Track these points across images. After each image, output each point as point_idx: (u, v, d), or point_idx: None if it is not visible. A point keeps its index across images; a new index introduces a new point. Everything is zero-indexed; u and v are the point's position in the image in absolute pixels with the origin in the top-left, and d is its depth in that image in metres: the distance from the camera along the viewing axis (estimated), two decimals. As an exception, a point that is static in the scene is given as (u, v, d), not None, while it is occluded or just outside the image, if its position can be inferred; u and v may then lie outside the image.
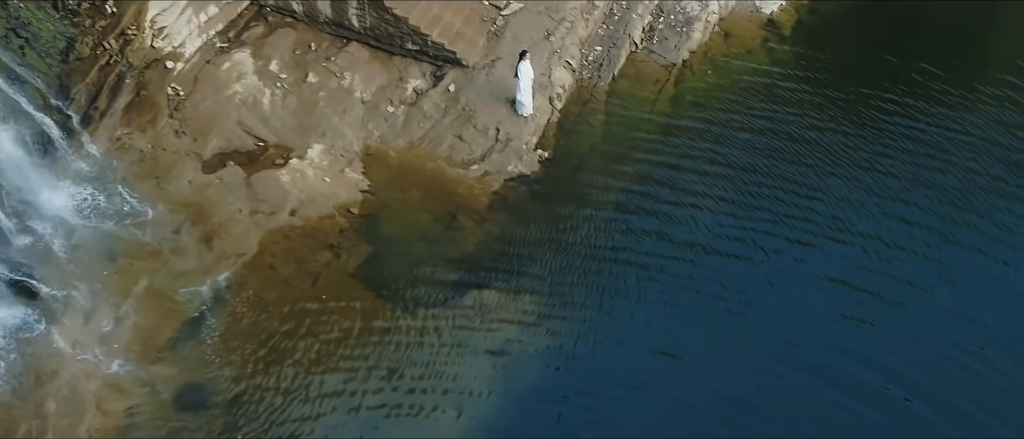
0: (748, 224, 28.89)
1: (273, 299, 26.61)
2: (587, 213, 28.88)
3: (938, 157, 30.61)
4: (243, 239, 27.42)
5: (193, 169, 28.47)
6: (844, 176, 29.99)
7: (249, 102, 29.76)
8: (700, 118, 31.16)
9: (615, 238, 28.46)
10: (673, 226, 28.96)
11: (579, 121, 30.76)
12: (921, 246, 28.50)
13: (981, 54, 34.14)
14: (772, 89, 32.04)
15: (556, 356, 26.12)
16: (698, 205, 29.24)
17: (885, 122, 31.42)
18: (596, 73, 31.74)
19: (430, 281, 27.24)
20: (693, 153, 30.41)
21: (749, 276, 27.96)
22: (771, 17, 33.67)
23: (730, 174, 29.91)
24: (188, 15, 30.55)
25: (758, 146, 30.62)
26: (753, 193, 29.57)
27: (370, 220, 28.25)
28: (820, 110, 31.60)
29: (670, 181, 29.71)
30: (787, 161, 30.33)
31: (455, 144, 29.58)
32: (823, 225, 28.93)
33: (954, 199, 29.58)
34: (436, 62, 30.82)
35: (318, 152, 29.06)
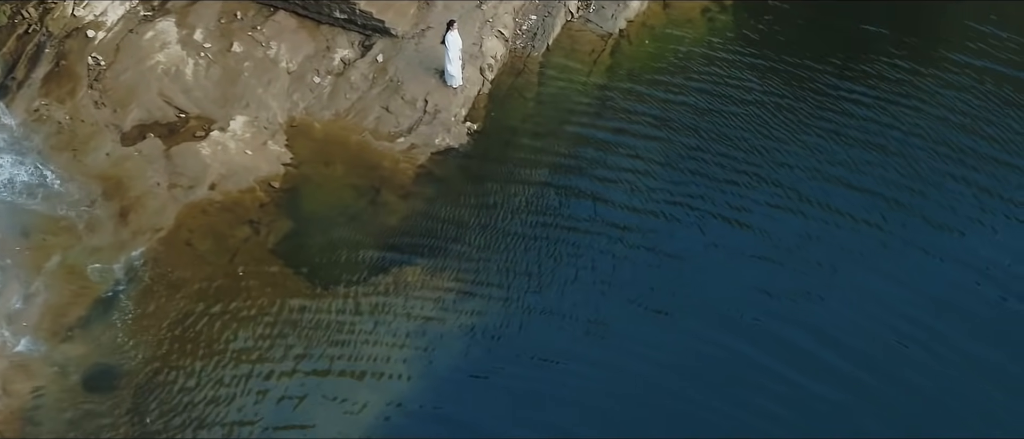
0: (685, 193, 28.44)
1: (188, 276, 26.05)
2: (517, 186, 28.31)
3: (885, 124, 30.08)
4: (160, 214, 26.86)
5: (111, 141, 27.87)
6: (786, 143, 29.56)
7: (171, 72, 29.12)
8: (636, 88, 30.56)
9: (545, 212, 27.93)
10: (606, 197, 28.45)
11: (511, 92, 30.15)
12: (865, 214, 28.02)
13: (933, 18, 33.36)
14: (711, 58, 31.47)
15: (480, 333, 25.65)
16: (633, 175, 28.75)
17: (830, 89, 30.96)
18: (530, 43, 31.09)
19: (351, 257, 26.71)
20: (628, 123, 29.87)
21: (685, 246, 27.52)
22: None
23: (666, 144, 29.43)
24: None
25: (696, 115, 30.10)
26: (690, 162, 29.08)
27: (292, 194, 27.67)
28: (761, 78, 31.11)
29: (604, 152, 29.17)
30: (726, 129, 29.83)
31: (382, 116, 28.98)
32: (764, 192, 28.50)
33: (901, 167, 29.06)
34: (364, 31, 30.17)
35: (240, 124, 28.46)
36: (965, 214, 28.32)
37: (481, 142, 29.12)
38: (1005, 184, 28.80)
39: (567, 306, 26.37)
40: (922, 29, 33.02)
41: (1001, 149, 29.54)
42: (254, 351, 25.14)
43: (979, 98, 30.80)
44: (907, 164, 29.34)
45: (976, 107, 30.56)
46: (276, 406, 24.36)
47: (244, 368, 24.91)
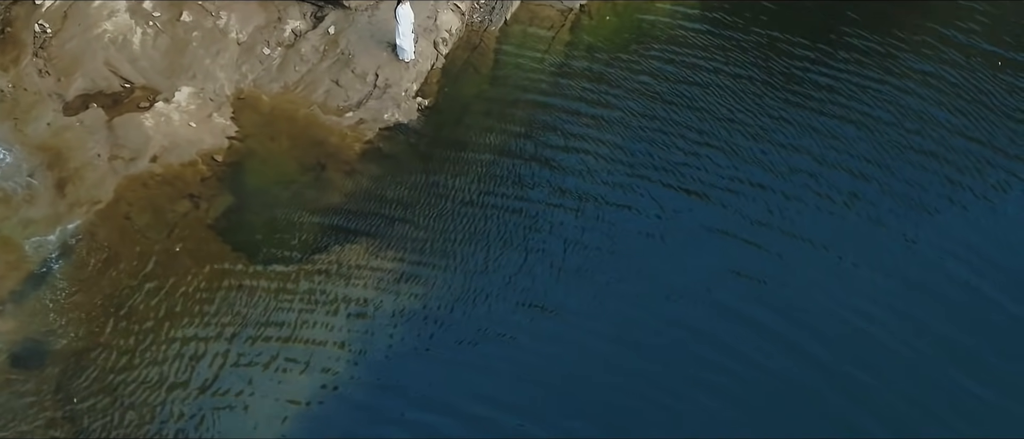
0: (640, 173, 27.90)
1: (124, 251, 25.69)
2: (467, 164, 27.87)
3: (849, 108, 29.43)
4: (98, 186, 26.49)
5: (53, 111, 27.46)
6: (747, 125, 28.90)
7: (119, 41, 28.65)
8: (595, 64, 30.00)
9: (495, 190, 27.51)
10: (559, 176, 27.98)
11: (466, 67, 29.61)
12: (824, 202, 27.49)
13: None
14: (675, 36, 30.94)
15: (421, 314, 25.28)
16: (587, 154, 28.23)
17: (796, 70, 30.29)
18: (487, 17, 30.54)
19: (292, 234, 26.34)
20: (585, 100, 29.36)
21: (637, 227, 27.03)
22: (677, -37, 32.25)
23: (624, 121, 28.88)
24: (59, -53, 29.23)
25: (656, 93, 29.50)
26: (648, 141, 28.53)
27: (235, 168, 27.25)
28: (726, 56, 30.49)
29: (559, 129, 28.69)
30: (686, 109, 29.25)
31: (331, 89, 28.49)
32: (721, 175, 27.92)
33: (863, 153, 28.49)
34: (317, 2, 29.64)
35: (186, 95, 28.00)
36: (939, 194, 27.78)
37: (432, 118, 28.60)
38: (981, 165, 28.24)
39: (515, 285, 25.96)
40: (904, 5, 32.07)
41: (977, 129, 28.87)
42: (189, 329, 24.84)
43: (961, 76, 30.11)
44: (872, 153, 28.68)
45: (955, 85, 29.92)
46: (209, 385, 24.10)
47: (177, 347, 24.59)
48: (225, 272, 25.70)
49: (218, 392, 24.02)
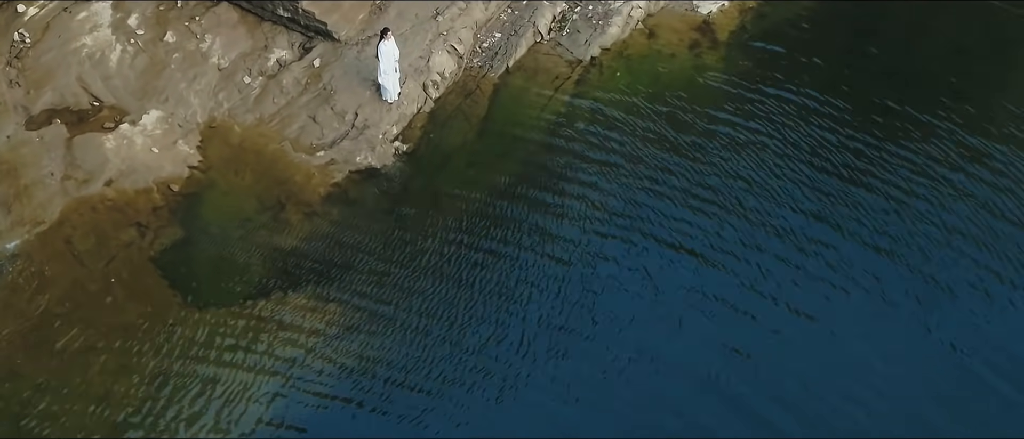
0: (634, 229, 26.34)
1: (57, 276, 24.82)
2: (437, 218, 26.39)
3: (878, 177, 27.38)
4: (45, 206, 25.67)
5: (15, 124, 26.86)
6: (763, 186, 27.19)
7: (95, 57, 27.94)
8: (596, 123, 28.31)
9: (463, 249, 26.03)
10: (541, 238, 26.37)
11: (456, 114, 28.10)
12: (836, 276, 25.42)
13: (938, 70, 30.22)
14: (690, 99, 29.01)
15: (355, 372, 23.85)
16: (575, 217, 26.63)
17: (824, 132, 28.33)
18: (489, 62, 29.01)
19: (235, 275, 25.13)
20: (581, 158, 27.72)
21: (626, 290, 25.39)
22: (707, 18, 30.42)
23: (619, 188, 27.21)
24: (51, -43, 28.68)
25: (656, 158, 27.73)
26: (644, 198, 26.96)
27: (190, 200, 26.19)
28: (746, 112, 28.70)
29: (547, 187, 27.13)
30: (694, 165, 27.55)
31: (307, 126, 27.27)
32: (725, 238, 26.24)
33: (887, 227, 26.36)
34: (307, 33, 28.52)
35: (154, 119, 27.09)
36: (965, 278, 25.42)
37: (408, 165, 27.17)
38: (1019, 251, 25.70)
39: (471, 351, 24.42)
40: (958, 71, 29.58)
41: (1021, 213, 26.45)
42: (109, 365, 23.83)
43: (1013, 154, 27.61)
44: (907, 216, 26.72)
45: (1005, 164, 27.55)
46: (115, 427, 22.66)
47: (95, 384, 23.61)
48: (157, 310, 24.61)
49: (128, 433, 22.68)
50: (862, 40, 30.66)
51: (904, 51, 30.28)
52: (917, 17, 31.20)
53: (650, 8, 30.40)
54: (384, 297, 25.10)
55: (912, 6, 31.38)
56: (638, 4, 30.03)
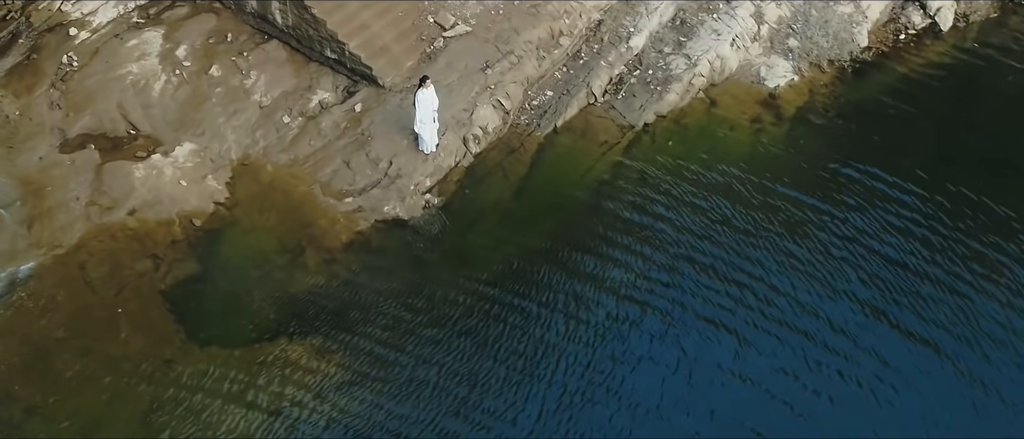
0: (662, 311, 25.26)
1: (65, 301, 24.75)
2: (460, 276, 25.69)
3: (943, 268, 26.04)
4: (65, 230, 25.73)
5: (49, 145, 27.00)
6: (812, 266, 26.04)
7: (139, 85, 28.03)
8: (643, 189, 27.48)
9: (485, 310, 25.32)
10: (565, 307, 25.46)
11: (495, 170, 27.44)
12: (881, 370, 24.21)
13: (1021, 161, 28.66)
14: (747, 172, 28.00)
15: (352, 428, 23.21)
16: (607, 288, 25.70)
17: (889, 215, 27.14)
18: (536, 120, 28.29)
19: (244, 316, 24.82)
20: (621, 227, 26.81)
21: (657, 363, 24.45)
22: (774, 92, 29.32)
23: (661, 257, 26.24)
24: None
25: (706, 232, 26.72)
26: (684, 280, 25.82)
27: (211, 236, 25.95)
28: (799, 200, 27.43)
29: (581, 255, 26.27)
30: (736, 252, 26.35)
31: (339, 170, 26.89)
32: (766, 316, 25.22)
33: (944, 321, 25.03)
34: (352, 76, 28.21)
35: (186, 151, 26.97)
36: (1018, 389, 23.93)
37: (437, 219, 26.56)
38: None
39: (488, 421, 23.46)
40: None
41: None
42: (103, 395, 23.54)
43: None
44: (970, 313, 25.32)
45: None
46: (99, 461, 22.36)
47: (87, 412, 23.39)
48: (157, 344, 24.32)
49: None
50: (939, 125, 29.34)
51: (985, 139, 28.95)
52: (999, 104, 29.65)
53: (713, 77, 29.38)
54: (396, 351, 24.54)
55: (993, 94, 29.82)
56: (700, 73, 29.04)
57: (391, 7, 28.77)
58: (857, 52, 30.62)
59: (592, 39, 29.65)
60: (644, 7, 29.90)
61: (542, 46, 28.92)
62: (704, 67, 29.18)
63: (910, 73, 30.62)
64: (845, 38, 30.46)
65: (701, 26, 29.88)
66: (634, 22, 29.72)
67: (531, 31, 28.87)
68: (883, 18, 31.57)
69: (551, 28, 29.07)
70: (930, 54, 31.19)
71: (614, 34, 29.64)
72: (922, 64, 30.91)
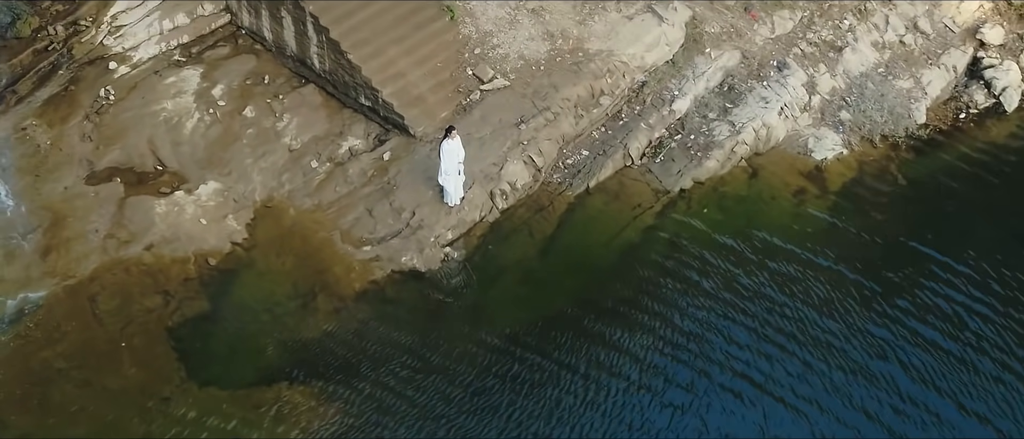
0: (686, 382, 24.72)
1: (71, 332, 24.90)
2: (474, 333, 25.41)
3: (985, 344, 25.24)
4: (80, 261, 25.84)
5: (76, 176, 27.28)
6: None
7: (172, 122, 28.16)
8: (673, 255, 26.87)
9: (496, 370, 24.95)
10: (583, 374, 24.96)
11: (521, 228, 27.00)
12: None
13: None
14: (785, 243, 27.26)
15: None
16: (629, 355, 25.15)
17: (937, 298, 26.25)
18: (569, 180, 27.83)
19: (246, 359, 24.78)
20: (647, 293, 26.23)
21: None
22: (821, 165, 28.51)
23: (689, 325, 25.66)
24: (153, 19, 29.45)
25: (738, 301, 26.04)
26: (712, 350, 25.22)
27: (225, 276, 25.89)
28: (842, 274, 26.65)
29: (603, 319, 25.69)
30: (769, 323, 25.69)
31: (362, 218, 26.68)
32: (797, 387, 24.67)
33: (987, 398, 24.33)
34: (385, 124, 28.04)
35: (210, 190, 27.03)
36: None
37: (456, 274, 26.25)
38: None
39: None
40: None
41: None
42: (95, 428, 23.52)
43: None
44: (1001, 394, 24.59)
45: None
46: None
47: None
48: (156, 381, 24.22)
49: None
50: (995, 208, 28.47)
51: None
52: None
53: (758, 146, 28.63)
54: (402, 403, 24.30)
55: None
56: (744, 141, 28.32)
57: (430, 57, 28.56)
58: (913, 129, 29.59)
59: (634, 100, 29.09)
60: (691, 71, 29.28)
61: (581, 104, 28.43)
62: (748, 135, 28.44)
63: (969, 153, 29.56)
64: (901, 113, 29.47)
65: (749, 93, 29.17)
66: (679, 86, 29.12)
67: (571, 88, 28.40)
68: (944, 96, 30.56)
69: (592, 87, 28.56)
70: (992, 135, 30.10)
71: (657, 96, 29.06)
72: (983, 145, 29.82)
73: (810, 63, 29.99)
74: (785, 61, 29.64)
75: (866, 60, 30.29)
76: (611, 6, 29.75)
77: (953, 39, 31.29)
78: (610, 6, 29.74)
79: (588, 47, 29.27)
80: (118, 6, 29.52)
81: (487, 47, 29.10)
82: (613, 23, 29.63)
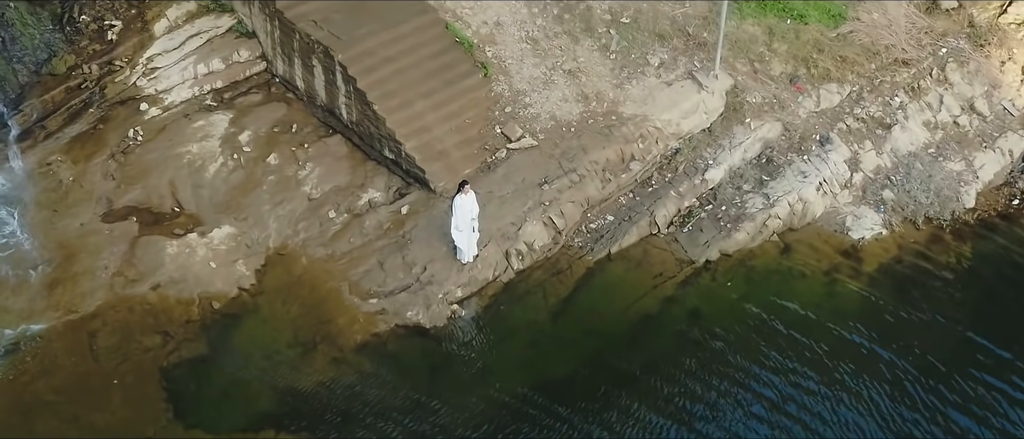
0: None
1: (65, 366, 24.87)
2: (472, 395, 24.72)
3: None
4: (85, 296, 25.84)
5: (93, 213, 27.40)
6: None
7: (195, 165, 28.20)
8: (692, 328, 26.02)
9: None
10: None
11: (535, 290, 26.36)
12: None
13: None
14: (813, 321, 26.18)
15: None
16: (630, 431, 24.17)
17: (979, 388, 24.95)
18: (591, 244, 27.10)
19: (237, 405, 24.48)
20: (659, 367, 25.29)
21: None
22: (858, 244, 27.49)
23: (700, 407, 24.67)
24: (188, 63, 29.63)
25: (759, 380, 25.03)
26: (726, 432, 24.10)
27: (227, 321, 25.67)
28: (858, 373, 25.31)
29: (609, 393, 24.78)
30: (794, 401, 24.71)
31: (372, 271, 26.30)
32: None
33: None
34: (407, 177, 27.68)
35: (224, 234, 26.92)
36: None
37: (461, 332, 25.67)
38: None
39: None
40: None
41: None
42: (73, 467, 22.89)
43: None
44: None
45: None
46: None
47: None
48: (143, 420, 23.92)
49: None
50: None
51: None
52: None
53: (792, 221, 27.67)
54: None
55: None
56: (777, 215, 27.40)
57: (459, 113, 28.23)
58: (960, 213, 28.40)
59: (666, 167, 28.37)
60: (728, 141, 28.52)
61: (609, 168, 27.80)
62: (782, 209, 27.51)
63: (1019, 243, 28.05)
64: (949, 196, 28.31)
65: (788, 166, 28.31)
66: (714, 155, 28.35)
67: (600, 151, 27.81)
68: (997, 181, 29.32)
69: (622, 151, 27.94)
70: (1046, 224, 28.71)
71: (690, 164, 28.33)
72: (1035, 235, 28.46)
73: (855, 139, 29.00)
74: (829, 135, 28.67)
75: (916, 139, 29.20)
76: (651, 71, 29.15)
77: (1012, 123, 30.07)
78: (650, 71, 29.14)
79: (622, 110, 28.64)
80: (155, 48, 29.72)
81: (519, 106, 28.66)
82: (651, 88, 28.98)
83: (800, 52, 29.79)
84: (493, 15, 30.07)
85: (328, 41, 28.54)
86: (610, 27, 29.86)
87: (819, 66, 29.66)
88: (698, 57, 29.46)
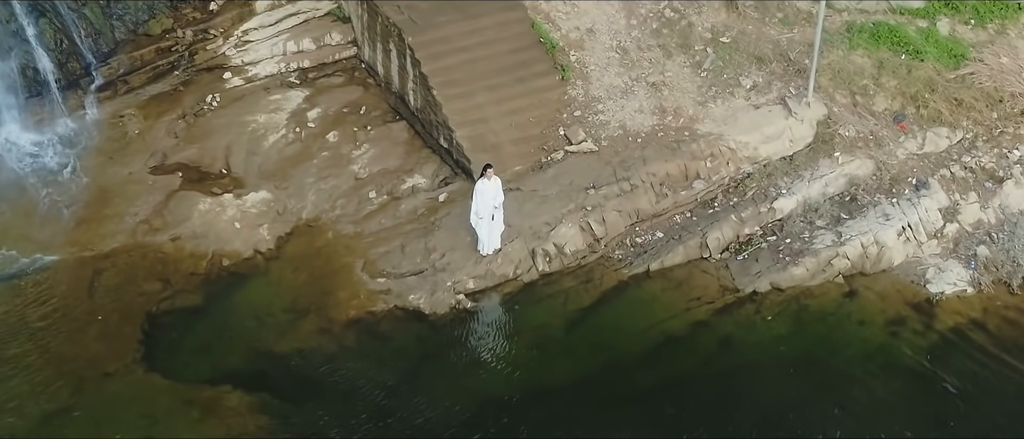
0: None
1: (59, 297, 24.34)
2: (454, 392, 22.44)
3: None
4: (105, 238, 25.34)
5: (144, 165, 27.01)
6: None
7: (257, 134, 27.57)
8: (710, 366, 22.82)
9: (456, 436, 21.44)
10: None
11: (559, 296, 24.05)
12: None
13: None
14: (855, 379, 22.58)
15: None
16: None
17: None
18: (632, 258, 24.53)
19: (212, 357, 23.20)
20: (657, 396, 22.30)
21: None
22: (934, 299, 23.71)
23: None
24: (280, 40, 29.07)
25: (779, 425, 21.60)
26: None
27: (232, 279, 24.62)
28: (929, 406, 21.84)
29: (606, 415, 21.92)
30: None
31: (392, 252, 24.70)
32: None
33: None
34: (456, 167, 25.98)
35: (259, 198, 26.01)
36: None
37: (463, 325, 23.63)
38: None
39: None
40: None
41: None
42: (23, 388, 22.26)
43: None
44: None
45: None
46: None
47: (26, 413, 21.88)
48: (108, 357, 22.87)
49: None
50: None
51: None
52: None
53: (864, 265, 24.20)
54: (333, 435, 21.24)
55: None
56: (845, 254, 24.01)
57: (523, 110, 26.37)
58: (1067, 285, 24.15)
59: (733, 191, 25.50)
60: (810, 172, 25.42)
61: (668, 183, 25.18)
62: (853, 249, 24.12)
63: None
64: (1057, 264, 24.16)
65: (873, 207, 24.89)
66: (789, 184, 25.28)
67: (661, 164, 25.28)
68: (1118, 257, 24.83)
69: (686, 167, 25.31)
70: None
71: (760, 191, 25.34)
72: None
73: (959, 189, 25.28)
74: (927, 181, 25.12)
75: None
76: (741, 93, 26.45)
77: None
78: (739, 92, 26.45)
79: (697, 127, 26.03)
80: (252, 23, 29.18)
81: (589, 111, 26.53)
82: (735, 109, 26.27)
83: (910, 89, 26.36)
84: (588, 21, 28.06)
85: (404, 25, 27.25)
86: (708, 45, 27.33)
87: (930, 106, 26.13)
88: (795, 83, 26.50)
